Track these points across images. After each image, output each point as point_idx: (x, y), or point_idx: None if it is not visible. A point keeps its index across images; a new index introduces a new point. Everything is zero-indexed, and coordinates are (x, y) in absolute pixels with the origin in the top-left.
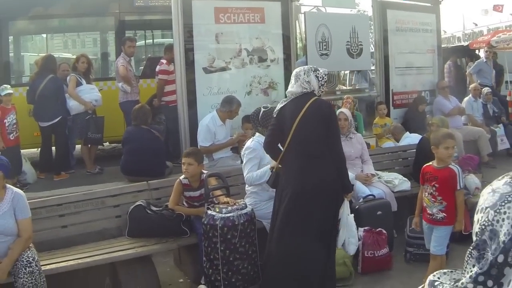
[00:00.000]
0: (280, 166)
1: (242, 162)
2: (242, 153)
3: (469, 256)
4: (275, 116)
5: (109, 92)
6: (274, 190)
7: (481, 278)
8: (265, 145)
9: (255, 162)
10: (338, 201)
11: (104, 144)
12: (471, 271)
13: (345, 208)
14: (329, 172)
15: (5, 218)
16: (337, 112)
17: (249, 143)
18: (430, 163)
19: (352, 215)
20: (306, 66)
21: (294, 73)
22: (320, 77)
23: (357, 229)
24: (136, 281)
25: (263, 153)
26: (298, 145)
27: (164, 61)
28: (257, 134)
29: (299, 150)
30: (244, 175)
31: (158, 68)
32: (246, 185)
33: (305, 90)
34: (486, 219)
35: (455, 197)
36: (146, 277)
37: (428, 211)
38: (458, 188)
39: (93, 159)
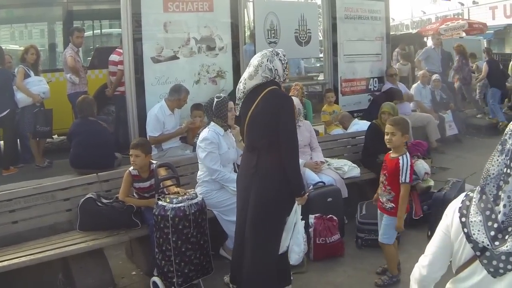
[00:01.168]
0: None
1: (194, 151)
2: (198, 144)
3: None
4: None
5: (57, 84)
6: (214, 177)
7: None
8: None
9: (216, 153)
10: (277, 198)
11: (53, 137)
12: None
13: (293, 212)
14: (268, 164)
15: None
16: None
17: (205, 133)
18: (390, 151)
19: (303, 222)
20: (267, 51)
21: (255, 62)
22: (283, 60)
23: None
24: (89, 275)
25: (220, 142)
26: (247, 138)
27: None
28: (212, 123)
29: (247, 143)
30: (210, 166)
31: (118, 58)
32: (198, 174)
33: (264, 80)
34: None
35: None
36: (99, 270)
37: (380, 199)
38: (401, 181)
39: (42, 152)
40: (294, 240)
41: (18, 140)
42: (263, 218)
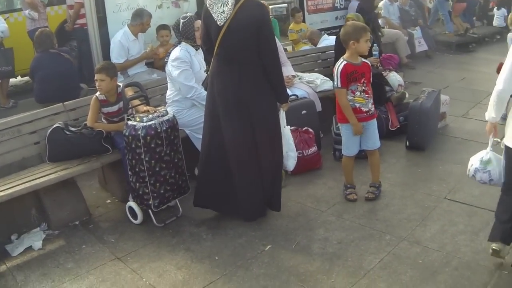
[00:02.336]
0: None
1: (163, 71)
2: (170, 63)
3: None
4: (202, 19)
5: (16, 23)
6: (189, 96)
7: None
8: (205, 52)
9: (190, 71)
10: (268, 107)
11: (16, 77)
12: None
13: (281, 119)
14: (254, 77)
15: None
16: None
17: (177, 52)
18: (344, 61)
19: (288, 126)
20: None
21: None
22: None
23: None
24: (62, 207)
25: (192, 61)
26: (224, 51)
27: None
28: (183, 43)
29: (227, 57)
30: (185, 83)
31: None
32: (167, 94)
33: None
34: None
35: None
36: (73, 201)
37: (364, 109)
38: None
39: (6, 93)
40: (287, 146)
41: None
42: (275, 130)
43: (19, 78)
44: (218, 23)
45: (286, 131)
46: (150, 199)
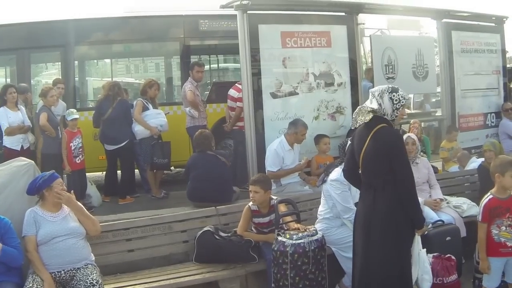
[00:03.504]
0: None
1: (318, 186)
2: (330, 182)
3: None
4: (349, 142)
5: (175, 116)
6: (346, 217)
7: None
8: (343, 173)
9: (348, 193)
10: (398, 234)
11: (171, 170)
12: None
13: (416, 243)
14: (387, 203)
15: (69, 220)
16: (404, 137)
17: (337, 174)
18: (491, 196)
19: (424, 250)
20: (384, 86)
21: (370, 90)
22: (396, 100)
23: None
24: None
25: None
26: (363, 175)
27: None
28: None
29: (364, 180)
30: (345, 205)
31: (237, 94)
32: (319, 209)
33: (370, 111)
34: None
35: None
36: None
37: (509, 244)
38: None
39: (159, 183)
40: (422, 269)
41: (136, 170)
42: (391, 255)
43: (172, 168)
44: (357, 148)
45: (422, 254)
46: None
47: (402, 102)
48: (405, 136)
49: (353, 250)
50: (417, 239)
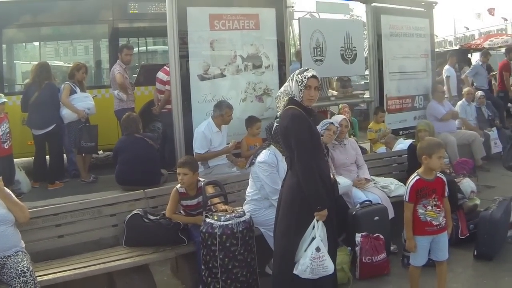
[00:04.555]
0: None
1: (246, 168)
2: (258, 164)
3: None
4: (275, 124)
5: (103, 100)
6: (274, 198)
7: None
8: None
9: (276, 174)
10: (293, 211)
11: (98, 153)
12: None
13: (311, 228)
14: (291, 181)
15: None
16: (339, 119)
17: (265, 156)
18: (417, 177)
19: (319, 239)
20: (300, 69)
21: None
22: (299, 81)
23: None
24: None
25: (278, 166)
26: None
27: None
28: (272, 146)
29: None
30: (274, 187)
31: (166, 77)
32: (247, 191)
33: (286, 93)
34: None
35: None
36: (144, 286)
37: (435, 223)
38: (446, 195)
39: (87, 167)
40: (304, 253)
41: (64, 155)
42: (282, 230)
43: (100, 152)
44: None
45: (316, 242)
46: None
47: (305, 82)
48: (339, 119)
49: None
50: (316, 224)
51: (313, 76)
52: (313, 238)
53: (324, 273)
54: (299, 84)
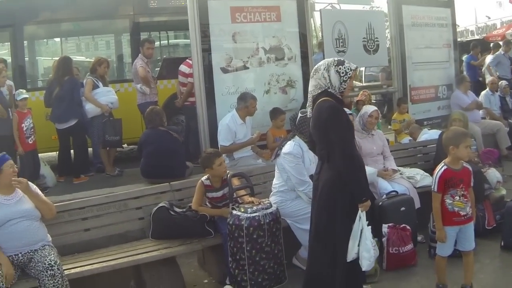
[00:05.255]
0: None
1: (272, 160)
2: (283, 155)
3: None
4: (300, 115)
5: (126, 94)
6: (301, 189)
7: None
8: (307, 145)
9: (302, 165)
10: (335, 206)
11: (123, 146)
12: None
13: (357, 220)
14: (329, 175)
15: (23, 202)
16: (370, 110)
17: (290, 147)
18: (445, 166)
19: (369, 227)
20: (330, 59)
21: (315, 67)
22: (342, 72)
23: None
24: (160, 282)
25: (303, 157)
26: (316, 148)
27: None
28: (297, 137)
29: (316, 152)
30: (299, 178)
31: (188, 70)
32: (273, 182)
33: (319, 87)
34: None
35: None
36: (171, 278)
37: (462, 213)
38: (472, 185)
39: (112, 161)
40: (363, 247)
41: (90, 149)
42: (325, 225)
43: (125, 145)
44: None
45: (366, 231)
46: (248, 286)
47: (349, 74)
48: (370, 109)
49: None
50: (361, 215)
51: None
52: (362, 230)
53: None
54: (343, 75)
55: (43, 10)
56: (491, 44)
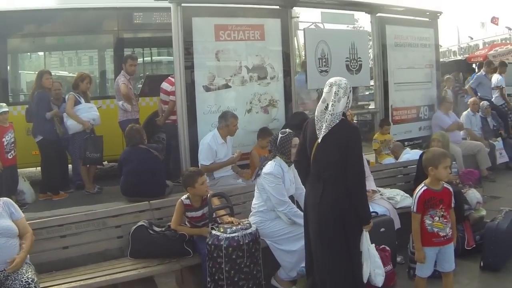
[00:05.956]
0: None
1: (252, 180)
2: (263, 175)
3: None
4: (303, 130)
5: (107, 110)
6: (280, 209)
7: None
8: (294, 163)
9: (282, 186)
10: (345, 230)
11: (103, 165)
12: None
13: (364, 239)
14: (335, 196)
15: (2, 218)
16: None
17: (271, 167)
18: (425, 187)
19: (373, 245)
20: (347, 82)
21: (342, 87)
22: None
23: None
24: None
25: (283, 177)
26: (313, 167)
27: None
28: (277, 157)
29: (313, 172)
30: (279, 198)
31: (170, 88)
32: (253, 203)
33: (345, 107)
34: None
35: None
36: None
37: (442, 234)
38: (453, 206)
39: (92, 178)
40: (374, 264)
41: (70, 165)
42: (327, 245)
43: (105, 163)
44: (319, 139)
45: (372, 249)
46: None
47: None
48: None
49: (305, 243)
50: (365, 235)
51: None
52: (367, 249)
53: None
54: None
55: (26, 23)
56: (484, 62)
